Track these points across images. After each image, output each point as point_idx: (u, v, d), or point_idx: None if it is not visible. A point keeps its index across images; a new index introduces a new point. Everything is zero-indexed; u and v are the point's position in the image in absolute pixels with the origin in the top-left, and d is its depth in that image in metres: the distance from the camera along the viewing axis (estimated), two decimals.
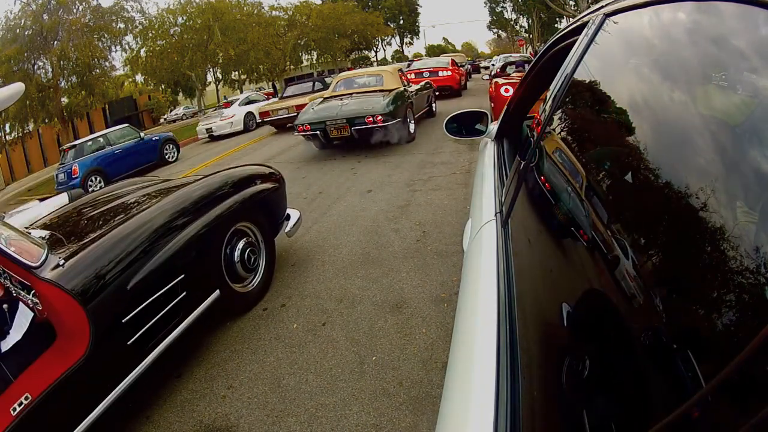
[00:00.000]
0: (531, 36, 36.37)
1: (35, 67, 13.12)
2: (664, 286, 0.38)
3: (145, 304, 1.89)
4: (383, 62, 40.33)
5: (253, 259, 2.67)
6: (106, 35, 14.38)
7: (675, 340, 0.34)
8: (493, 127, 1.91)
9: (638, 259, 0.43)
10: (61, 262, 1.73)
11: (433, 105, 8.70)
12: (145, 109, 27.39)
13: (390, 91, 6.34)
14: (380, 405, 1.79)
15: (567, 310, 0.53)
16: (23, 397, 1.49)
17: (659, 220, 0.43)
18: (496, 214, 1.05)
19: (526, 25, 38.91)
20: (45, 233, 2.07)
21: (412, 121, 6.67)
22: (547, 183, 0.77)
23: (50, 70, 13.24)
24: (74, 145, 9.71)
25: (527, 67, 1.77)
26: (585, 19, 0.92)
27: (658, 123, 0.50)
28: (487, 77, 10.77)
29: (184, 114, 27.95)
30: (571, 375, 0.48)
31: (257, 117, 12.32)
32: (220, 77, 24.40)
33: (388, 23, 42.10)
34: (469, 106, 8.21)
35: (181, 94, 26.79)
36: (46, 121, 14.00)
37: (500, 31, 45.07)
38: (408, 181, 4.74)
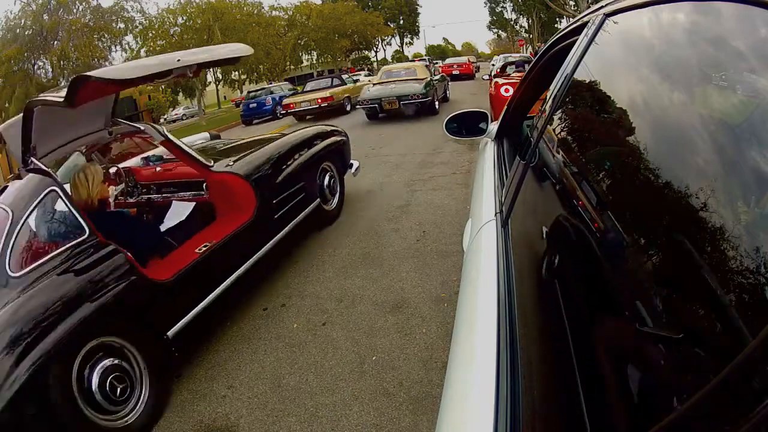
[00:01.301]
0: (531, 36, 36.37)
1: (35, 67, 13.11)
2: (664, 286, 0.38)
3: (284, 195, 2.90)
4: (383, 62, 40.30)
5: (334, 187, 3.78)
6: (106, 35, 14.37)
7: (675, 340, 0.34)
8: (493, 127, 1.91)
9: (638, 258, 0.43)
10: (231, 163, 2.70)
11: (447, 92, 11.53)
12: (145, 109, 27.36)
13: (422, 79, 9.09)
14: (380, 405, 1.79)
15: (567, 310, 0.53)
16: (203, 245, 2.32)
17: (659, 220, 0.43)
18: (496, 214, 1.05)
19: (526, 25, 38.93)
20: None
21: (437, 101, 9.48)
22: (547, 183, 0.77)
23: (50, 70, 13.23)
24: (263, 88, 15.83)
25: (527, 67, 1.77)
26: (585, 19, 0.92)
27: (658, 123, 0.50)
28: (486, 77, 10.90)
29: (184, 114, 27.89)
30: (571, 375, 0.48)
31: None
32: (220, 77, 24.38)
33: (388, 23, 42.08)
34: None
35: (181, 94, 26.76)
36: None
37: (500, 31, 45.13)
38: (408, 181, 4.74)
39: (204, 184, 2.77)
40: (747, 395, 0.25)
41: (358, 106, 9.75)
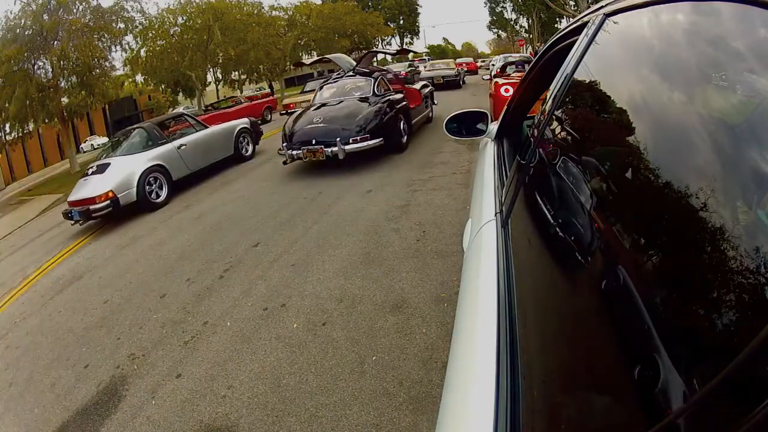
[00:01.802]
0: (531, 36, 36.35)
1: (35, 67, 13.07)
2: (664, 286, 0.38)
3: (424, 100, 8.01)
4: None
5: (431, 108, 8.41)
6: (106, 35, 14.32)
7: (675, 340, 0.34)
8: (493, 127, 1.91)
9: (638, 258, 0.43)
10: (411, 85, 8.29)
11: (464, 79, 17.49)
12: (146, 109, 27.37)
13: (453, 68, 16.71)
14: (380, 405, 1.79)
15: (567, 310, 0.53)
16: (413, 106, 7.04)
17: (659, 220, 0.43)
18: (496, 214, 1.05)
19: (526, 25, 38.89)
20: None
21: (462, 81, 16.34)
22: (547, 183, 0.77)
23: (50, 70, 13.18)
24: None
25: (527, 67, 1.77)
26: (585, 19, 0.92)
27: (658, 123, 0.50)
28: (486, 77, 11.04)
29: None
30: (571, 375, 0.48)
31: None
32: (220, 77, 24.37)
33: (388, 23, 42.00)
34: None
35: (181, 94, 26.75)
36: (46, 121, 13.95)
37: (500, 31, 45.06)
38: (408, 181, 4.74)
39: (403, 92, 6.86)
40: (747, 395, 0.25)
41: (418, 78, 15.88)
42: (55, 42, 13.00)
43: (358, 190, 4.74)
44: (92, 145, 24.22)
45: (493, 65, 15.36)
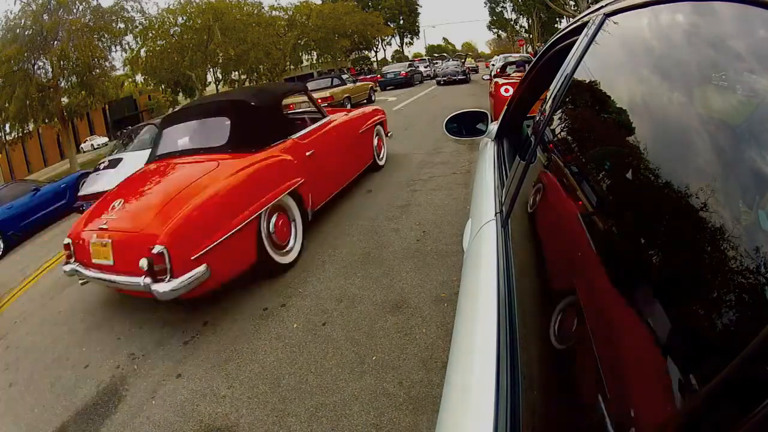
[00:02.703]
0: (531, 36, 36.39)
1: (35, 67, 13.08)
2: (664, 286, 0.38)
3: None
4: (383, 62, 40.41)
5: (468, 76, 21.20)
6: (106, 35, 14.33)
7: (675, 340, 0.34)
8: (493, 127, 1.91)
9: (638, 258, 0.43)
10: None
11: (477, 70, 26.42)
12: (145, 109, 27.39)
13: (473, 64, 30.16)
14: (380, 405, 1.79)
15: (567, 310, 0.54)
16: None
17: (659, 220, 0.43)
18: (496, 214, 1.05)
19: (526, 25, 38.94)
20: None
21: (477, 70, 26.34)
22: (548, 183, 0.77)
23: (50, 70, 13.19)
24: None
25: (527, 67, 1.77)
26: (585, 19, 0.92)
27: (659, 123, 0.50)
28: (486, 77, 11.07)
29: None
30: (571, 375, 0.48)
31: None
32: (220, 77, 24.37)
33: (388, 23, 42.07)
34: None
35: (181, 94, 26.77)
36: (46, 121, 13.95)
37: (500, 31, 45.12)
38: (408, 181, 4.73)
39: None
40: (747, 395, 0.25)
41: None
42: (55, 42, 12.99)
43: (359, 190, 4.74)
44: (92, 145, 24.22)
45: (493, 65, 15.41)
